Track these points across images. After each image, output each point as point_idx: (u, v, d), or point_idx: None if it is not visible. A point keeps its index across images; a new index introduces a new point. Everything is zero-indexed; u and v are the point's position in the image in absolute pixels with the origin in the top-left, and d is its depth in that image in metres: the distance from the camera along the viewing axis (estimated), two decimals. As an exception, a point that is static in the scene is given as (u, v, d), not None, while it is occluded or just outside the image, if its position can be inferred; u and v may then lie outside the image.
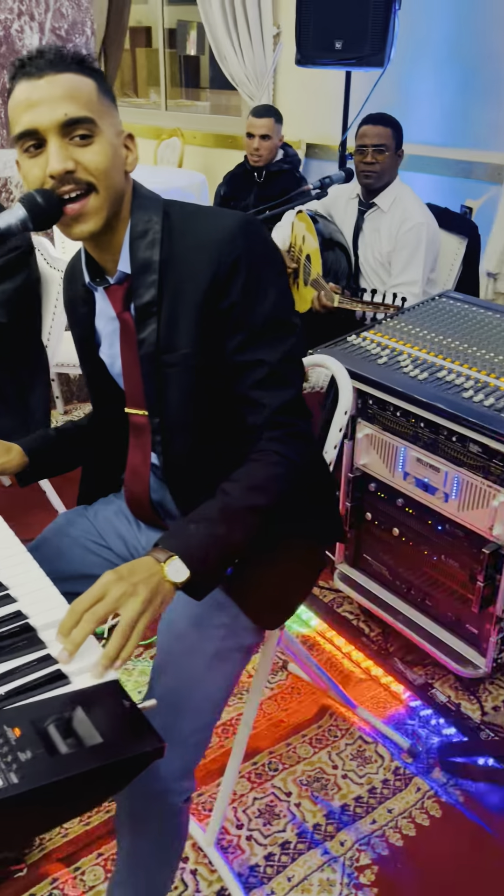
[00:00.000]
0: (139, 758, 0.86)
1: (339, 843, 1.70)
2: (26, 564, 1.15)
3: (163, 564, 1.05)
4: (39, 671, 0.94)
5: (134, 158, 1.18)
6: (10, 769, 0.79)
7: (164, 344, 1.20)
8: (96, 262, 1.25)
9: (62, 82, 1.08)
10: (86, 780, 0.82)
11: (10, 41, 3.12)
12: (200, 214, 1.21)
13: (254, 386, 1.19)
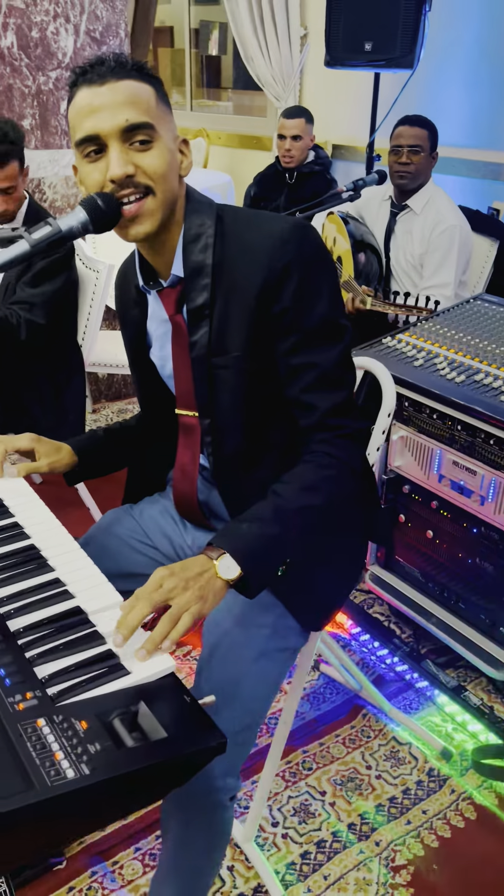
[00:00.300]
0: (203, 752, 0.87)
1: (375, 842, 1.71)
2: (82, 561, 1.16)
3: (214, 562, 1.07)
4: (99, 665, 0.95)
5: (189, 163, 1.20)
6: (81, 760, 0.81)
7: (215, 346, 1.21)
8: (150, 266, 1.27)
9: (123, 89, 1.10)
10: (152, 773, 0.83)
11: (46, 43, 3.15)
12: (253, 219, 1.22)
13: (305, 389, 1.20)
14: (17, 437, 1.37)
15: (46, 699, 0.89)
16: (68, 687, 0.91)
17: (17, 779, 0.77)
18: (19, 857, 0.80)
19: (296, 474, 1.19)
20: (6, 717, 0.84)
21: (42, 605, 1.05)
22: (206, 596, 1.03)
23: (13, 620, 1.01)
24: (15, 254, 1.08)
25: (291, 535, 1.14)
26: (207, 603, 1.03)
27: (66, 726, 0.85)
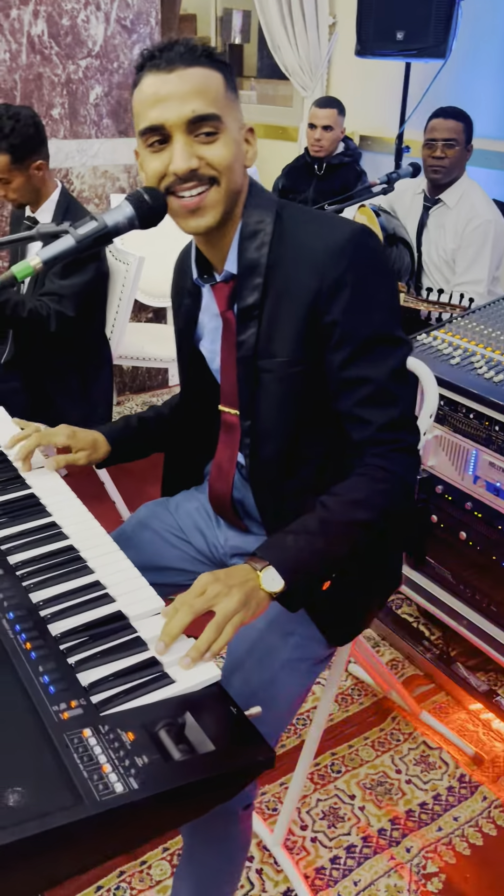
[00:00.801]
0: (252, 767, 0.85)
1: (405, 849, 1.69)
2: (120, 563, 1.14)
3: (259, 573, 1.04)
4: (143, 673, 0.93)
5: (253, 153, 1.16)
6: (129, 774, 0.78)
7: (262, 349, 1.18)
8: (205, 258, 1.23)
9: (191, 77, 1.07)
10: (200, 787, 0.81)
11: (77, 31, 3.12)
12: (314, 220, 1.18)
13: (359, 403, 1.15)
14: (52, 431, 1.35)
15: (91, 708, 0.87)
16: (113, 696, 0.89)
17: (66, 792, 0.75)
18: (66, 874, 0.78)
19: (347, 487, 1.15)
20: (52, 727, 0.82)
21: (83, 608, 1.03)
22: (249, 604, 1.00)
23: (54, 624, 0.99)
24: (60, 249, 1.05)
25: (338, 550, 1.11)
26: (250, 611, 1.01)
27: (113, 737, 0.83)
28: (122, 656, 0.96)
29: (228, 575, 1.02)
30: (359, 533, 1.12)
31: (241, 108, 1.15)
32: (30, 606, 1.02)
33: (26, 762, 0.78)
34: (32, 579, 1.07)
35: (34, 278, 2.45)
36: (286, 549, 1.06)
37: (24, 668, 0.90)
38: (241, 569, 1.04)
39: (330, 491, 1.15)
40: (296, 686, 1.22)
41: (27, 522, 1.21)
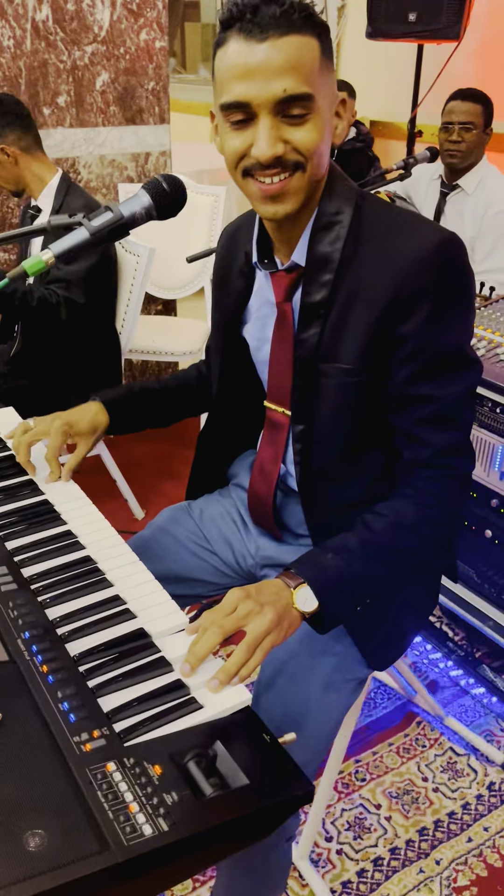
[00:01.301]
0: (289, 802, 0.79)
1: (435, 861, 1.63)
2: (141, 575, 1.08)
3: (293, 591, 0.98)
4: (168, 696, 0.87)
5: (344, 126, 1.07)
6: (158, 814, 0.72)
7: (324, 351, 1.09)
8: (268, 242, 1.14)
9: (286, 48, 0.94)
10: (234, 826, 0.75)
11: (82, 16, 3.03)
12: (397, 220, 1.07)
13: (420, 422, 1.07)
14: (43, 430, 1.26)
15: (114, 738, 0.80)
16: (137, 723, 0.83)
17: (91, 837, 0.69)
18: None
19: (393, 509, 1.08)
20: (73, 761, 0.76)
21: (102, 625, 0.97)
22: (282, 624, 0.94)
23: (72, 643, 0.93)
24: (74, 242, 0.99)
25: (377, 575, 1.05)
26: (283, 632, 0.95)
27: (139, 772, 0.76)
28: (146, 678, 0.89)
29: (260, 591, 0.96)
30: (400, 560, 1.06)
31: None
32: (46, 624, 0.95)
33: (48, 800, 0.72)
34: (48, 594, 1.01)
35: None
36: (323, 569, 1.00)
37: (42, 694, 0.84)
38: (273, 584, 0.98)
39: (375, 510, 1.08)
40: (334, 709, 1.15)
41: (41, 531, 1.15)
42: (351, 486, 1.17)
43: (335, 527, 1.10)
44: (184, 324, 3.43)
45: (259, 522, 1.33)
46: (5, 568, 1.05)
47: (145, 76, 3.28)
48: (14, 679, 0.86)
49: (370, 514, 1.07)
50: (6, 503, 1.21)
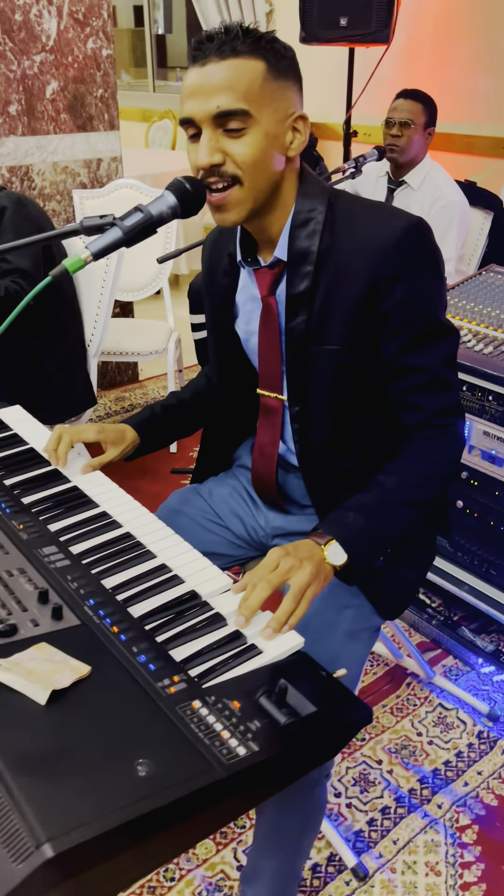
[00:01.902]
0: (353, 724, 0.89)
1: (437, 805, 1.76)
2: (180, 546, 1.17)
3: (323, 547, 1.09)
4: (230, 646, 0.97)
5: (301, 142, 1.14)
6: (247, 738, 0.82)
7: (313, 335, 1.20)
8: (251, 242, 1.24)
9: (222, 70, 1.06)
10: (311, 746, 0.85)
11: (30, 26, 3.08)
12: (368, 210, 1.19)
13: (412, 390, 1.19)
14: (80, 428, 1.36)
15: (192, 681, 0.90)
16: (208, 668, 0.92)
17: (195, 760, 0.78)
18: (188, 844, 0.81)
19: (401, 468, 1.20)
20: (163, 703, 0.85)
21: (156, 591, 1.06)
22: (319, 576, 1.05)
23: (133, 607, 1.02)
24: (109, 241, 1.07)
25: (394, 528, 1.17)
26: (320, 583, 1.06)
27: (222, 707, 0.86)
28: (206, 632, 0.99)
29: (297, 549, 1.06)
30: (413, 513, 1.18)
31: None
32: (105, 593, 1.04)
33: (148, 735, 0.81)
34: (100, 566, 1.09)
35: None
36: (348, 526, 1.11)
37: (119, 650, 0.93)
38: (306, 543, 1.09)
39: (385, 470, 1.20)
40: (359, 655, 1.27)
41: (78, 514, 1.22)
42: (347, 458, 1.29)
43: (336, 495, 1.21)
44: (145, 325, 3.50)
45: (265, 499, 1.44)
46: (54, 547, 1.13)
47: (94, 84, 3.34)
48: (90, 640, 0.94)
49: (381, 474, 1.19)
50: (39, 491, 1.28)
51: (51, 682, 0.84)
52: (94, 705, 0.84)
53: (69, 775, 0.74)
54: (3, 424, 1.51)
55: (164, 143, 6.42)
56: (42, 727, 0.80)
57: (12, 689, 0.84)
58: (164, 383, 3.94)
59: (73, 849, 0.67)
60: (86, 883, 0.71)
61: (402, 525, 1.18)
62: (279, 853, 1.27)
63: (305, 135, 1.15)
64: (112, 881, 0.76)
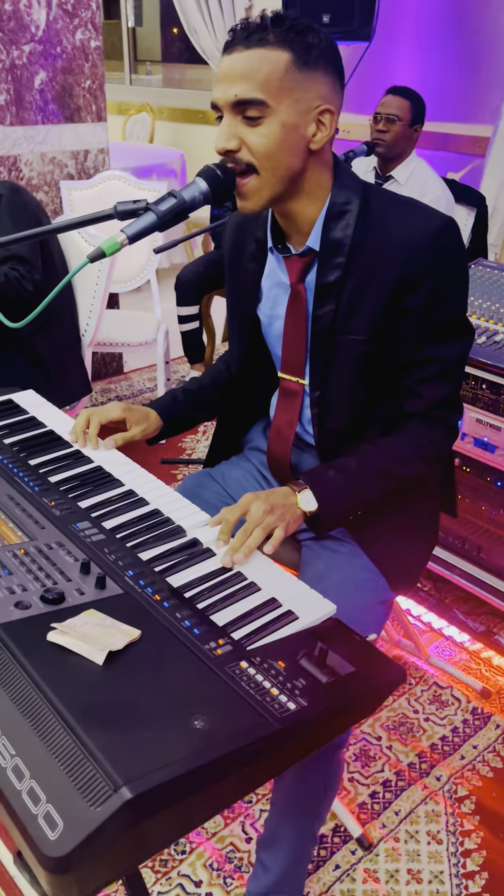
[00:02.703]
0: (390, 683, 0.94)
1: (436, 778, 1.82)
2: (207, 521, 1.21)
3: (297, 494, 1.18)
4: (267, 611, 1.01)
5: (324, 135, 1.15)
6: (294, 695, 0.86)
7: (339, 325, 1.24)
8: (280, 229, 1.28)
9: (244, 60, 1.09)
10: (353, 703, 0.90)
11: (19, 16, 3.08)
12: (401, 207, 1.22)
13: (421, 380, 1.26)
14: (106, 407, 1.40)
15: (237, 644, 0.94)
16: (250, 632, 0.97)
17: (249, 714, 0.83)
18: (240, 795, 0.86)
19: (390, 443, 1.28)
20: (212, 663, 0.89)
21: (190, 562, 1.10)
22: (286, 519, 1.14)
23: (171, 577, 1.06)
24: (144, 225, 1.10)
25: (370, 494, 1.26)
26: (285, 523, 1.15)
27: (267, 666, 0.90)
28: (242, 599, 1.03)
29: (269, 494, 1.16)
30: (391, 483, 1.26)
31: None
32: (142, 564, 1.08)
33: (201, 693, 0.85)
34: (135, 540, 1.13)
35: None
36: (326, 480, 1.21)
37: (163, 616, 0.97)
38: (280, 490, 1.19)
39: (375, 443, 1.28)
40: (376, 625, 1.32)
41: (106, 492, 1.26)
42: (363, 441, 1.34)
43: None
44: (133, 316, 3.52)
45: (278, 477, 1.49)
46: (88, 522, 1.16)
47: (82, 75, 3.35)
48: (134, 607, 0.98)
49: (369, 444, 1.27)
50: (64, 471, 1.31)
51: (105, 644, 0.88)
52: (148, 666, 0.88)
53: (134, 728, 0.78)
54: (20, 408, 1.53)
55: (141, 137, 6.42)
56: (102, 685, 0.84)
57: (70, 651, 0.87)
58: (149, 375, 3.96)
59: (148, 792, 0.71)
60: (152, 829, 0.75)
61: (378, 493, 1.26)
62: (299, 817, 1.32)
63: (331, 129, 1.16)
64: (175, 828, 0.80)
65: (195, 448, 3.30)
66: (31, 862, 0.74)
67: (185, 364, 4.02)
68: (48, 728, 0.78)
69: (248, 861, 1.63)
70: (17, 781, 0.75)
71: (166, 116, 6.48)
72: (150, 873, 1.60)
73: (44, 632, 0.89)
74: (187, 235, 2.38)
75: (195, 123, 6.30)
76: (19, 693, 0.82)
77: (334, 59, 1.15)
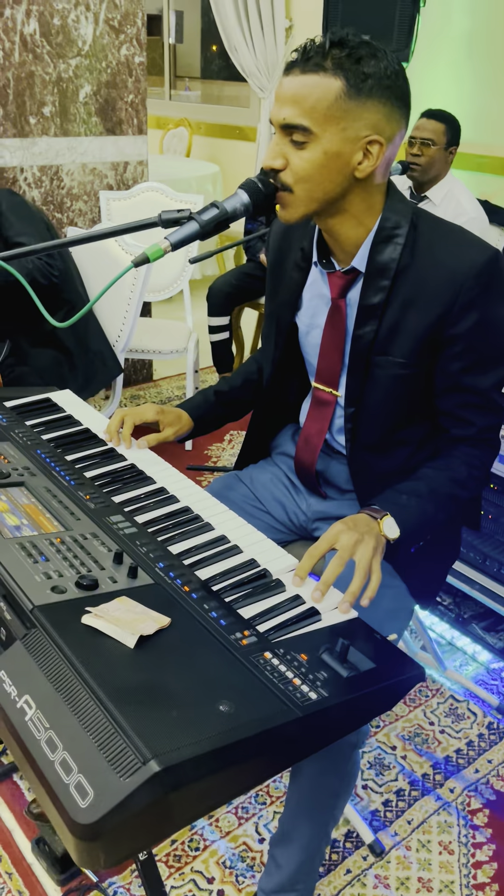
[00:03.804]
0: (408, 680, 0.97)
1: (449, 790, 1.84)
2: (236, 520, 1.25)
3: (379, 521, 1.18)
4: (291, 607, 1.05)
5: (370, 165, 1.16)
6: (316, 686, 0.90)
7: (379, 346, 1.27)
8: (326, 245, 1.31)
9: (297, 84, 1.13)
10: (372, 697, 0.93)
11: (67, 31, 3.18)
12: (451, 235, 1.24)
13: (464, 406, 1.29)
14: (140, 408, 1.44)
15: (262, 636, 0.97)
16: (275, 626, 1.00)
17: (272, 701, 0.86)
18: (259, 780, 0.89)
19: (449, 465, 1.30)
20: (238, 653, 0.93)
21: (218, 558, 1.14)
22: (378, 547, 1.14)
23: (199, 571, 1.10)
24: (187, 233, 1.15)
25: (439, 517, 1.27)
26: (380, 555, 1.14)
27: (290, 658, 0.94)
28: (268, 595, 1.07)
29: (356, 522, 1.15)
30: (454, 506, 1.28)
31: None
32: (172, 558, 1.12)
33: (227, 680, 0.89)
34: (165, 534, 1.17)
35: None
36: (402, 506, 1.21)
37: (192, 606, 1.01)
38: (362, 517, 1.17)
39: (434, 465, 1.30)
40: (397, 629, 1.35)
41: (138, 489, 1.30)
42: (393, 457, 1.38)
43: (379, 489, 1.30)
44: (165, 325, 3.58)
45: (305, 483, 1.52)
46: (121, 516, 1.20)
47: (125, 89, 3.43)
48: (164, 597, 1.02)
49: (430, 469, 1.29)
50: (99, 467, 1.36)
51: (137, 628, 0.92)
52: (176, 651, 0.91)
53: (162, 708, 0.82)
54: (57, 406, 1.59)
55: (178, 150, 6.53)
56: (133, 667, 0.88)
57: (103, 634, 0.91)
58: (178, 383, 4.02)
59: (175, 766, 0.75)
60: (176, 804, 0.79)
61: (446, 516, 1.28)
62: (314, 815, 1.34)
63: (377, 159, 1.16)
64: (197, 805, 0.84)
65: (220, 456, 3.34)
66: (60, 830, 0.77)
67: (214, 374, 4.08)
68: (81, 704, 0.82)
69: (260, 861, 1.65)
70: (50, 752, 0.79)
71: (203, 131, 6.59)
72: (163, 867, 1.63)
73: (78, 615, 0.94)
74: (221, 247, 2.44)
75: (231, 139, 6.39)
76: (54, 670, 0.86)
77: (395, 88, 1.14)
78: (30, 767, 0.80)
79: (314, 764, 1.29)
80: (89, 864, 0.77)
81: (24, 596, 0.96)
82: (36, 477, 1.28)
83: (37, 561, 1.04)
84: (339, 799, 1.34)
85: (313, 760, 1.29)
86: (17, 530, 1.11)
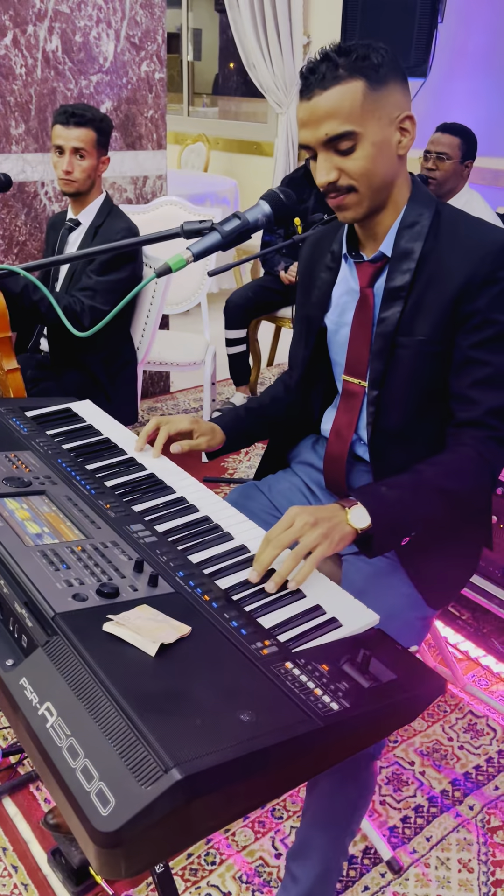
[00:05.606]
0: (429, 692, 0.96)
1: (469, 807, 1.81)
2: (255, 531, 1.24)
3: (347, 510, 1.16)
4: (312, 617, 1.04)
5: (409, 140, 1.24)
6: (337, 696, 0.89)
7: (403, 327, 1.31)
8: (356, 237, 1.37)
9: (325, 101, 1.18)
10: (394, 708, 0.92)
11: (89, 47, 3.22)
12: (471, 221, 1.31)
13: (473, 384, 1.28)
14: (175, 419, 1.45)
15: (282, 646, 0.97)
16: (296, 636, 1.00)
17: (293, 711, 0.86)
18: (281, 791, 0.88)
19: (442, 461, 1.28)
20: (259, 662, 0.92)
21: (237, 567, 1.13)
22: (332, 537, 1.11)
23: (220, 580, 1.09)
24: (209, 244, 1.16)
25: (424, 512, 1.24)
26: (333, 544, 1.12)
27: (311, 668, 0.93)
28: (288, 604, 1.06)
29: (317, 509, 1.14)
30: (445, 502, 1.25)
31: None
32: (192, 567, 1.12)
33: (248, 689, 0.88)
34: (185, 544, 1.17)
35: (69, 276, 2.53)
36: (378, 497, 1.19)
37: (212, 615, 1.00)
38: (329, 506, 1.17)
39: (427, 461, 1.29)
40: (416, 639, 1.34)
41: (158, 498, 1.30)
42: (414, 448, 1.37)
43: None
44: (182, 337, 3.60)
45: (331, 484, 1.52)
46: (141, 525, 1.20)
47: (145, 105, 3.47)
48: (184, 606, 1.02)
49: (422, 463, 1.28)
50: (119, 476, 1.36)
51: (158, 637, 0.92)
52: (197, 660, 0.91)
53: (183, 717, 0.82)
54: (78, 416, 1.60)
55: (196, 166, 6.58)
56: (154, 675, 0.87)
57: (124, 642, 0.91)
58: (195, 395, 4.03)
59: (197, 774, 0.74)
60: (197, 813, 0.78)
61: (432, 510, 1.25)
62: (330, 828, 1.33)
63: (414, 132, 1.25)
64: (217, 815, 0.83)
65: (237, 468, 3.34)
66: (80, 838, 0.77)
67: (231, 386, 4.08)
68: (102, 711, 0.81)
69: (276, 876, 1.64)
70: (71, 760, 0.79)
71: (221, 147, 6.65)
72: (180, 881, 1.61)
73: (99, 622, 0.94)
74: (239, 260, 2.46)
75: (249, 154, 6.44)
76: (75, 677, 0.86)
77: (398, 67, 1.23)
78: (51, 775, 0.80)
79: (332, 775, 1.28)
80: (109, 872, 0.76)
81: (46, 603, 0.96)
82: (57, 486, 1.29)
83: (58, 569, 1.04)
84: (357, 810, 1.33)
85: (331, 771, 1.27)
86: (38, 538, 1.12)
